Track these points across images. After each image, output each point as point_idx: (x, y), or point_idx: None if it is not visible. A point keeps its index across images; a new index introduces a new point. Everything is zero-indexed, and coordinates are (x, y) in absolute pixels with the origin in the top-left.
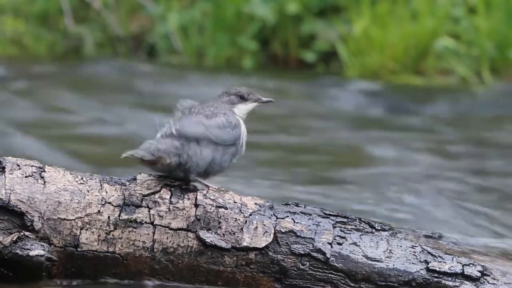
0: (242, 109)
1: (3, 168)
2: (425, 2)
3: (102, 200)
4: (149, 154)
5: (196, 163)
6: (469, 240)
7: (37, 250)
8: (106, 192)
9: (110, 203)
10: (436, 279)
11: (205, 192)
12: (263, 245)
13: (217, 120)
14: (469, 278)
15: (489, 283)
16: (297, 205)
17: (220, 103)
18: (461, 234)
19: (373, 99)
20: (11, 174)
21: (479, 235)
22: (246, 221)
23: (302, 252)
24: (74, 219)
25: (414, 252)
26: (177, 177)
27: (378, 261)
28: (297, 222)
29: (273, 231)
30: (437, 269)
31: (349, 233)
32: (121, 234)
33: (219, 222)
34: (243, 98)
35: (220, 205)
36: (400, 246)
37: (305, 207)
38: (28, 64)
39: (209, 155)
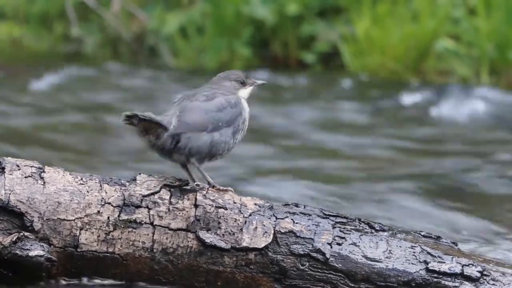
0: (244, 93)
1: (3, 168)
2: (425, 3)
3: (101, 200)
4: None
5: (196, 146)
6: (469, 240)
7: (36, 250)
8: (106, 192)
9: (109, 203)
10: (435, 280)
11: (204, 192)
12: (263, 245)
13: (216, 101)
14: (469, 278)
15: (488, 283)
16: (296, 205)
17: (221, 86)
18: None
19: None
20: (10, 174)
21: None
22: (245, 222)
23: (302, 253)
24: (74, 220)
25: (414, 252)
26: (178, 161)
27: (377, 261)
28: (296, 223)
29: (272, 232)
30: (437, 270)
31: (349, 234)
32: (121, 234)
33: (219, 223)
34: (243, 83)
35: (219, 205)
36: (400, 247)
37: (304, 207)
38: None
39: (208, 137)
